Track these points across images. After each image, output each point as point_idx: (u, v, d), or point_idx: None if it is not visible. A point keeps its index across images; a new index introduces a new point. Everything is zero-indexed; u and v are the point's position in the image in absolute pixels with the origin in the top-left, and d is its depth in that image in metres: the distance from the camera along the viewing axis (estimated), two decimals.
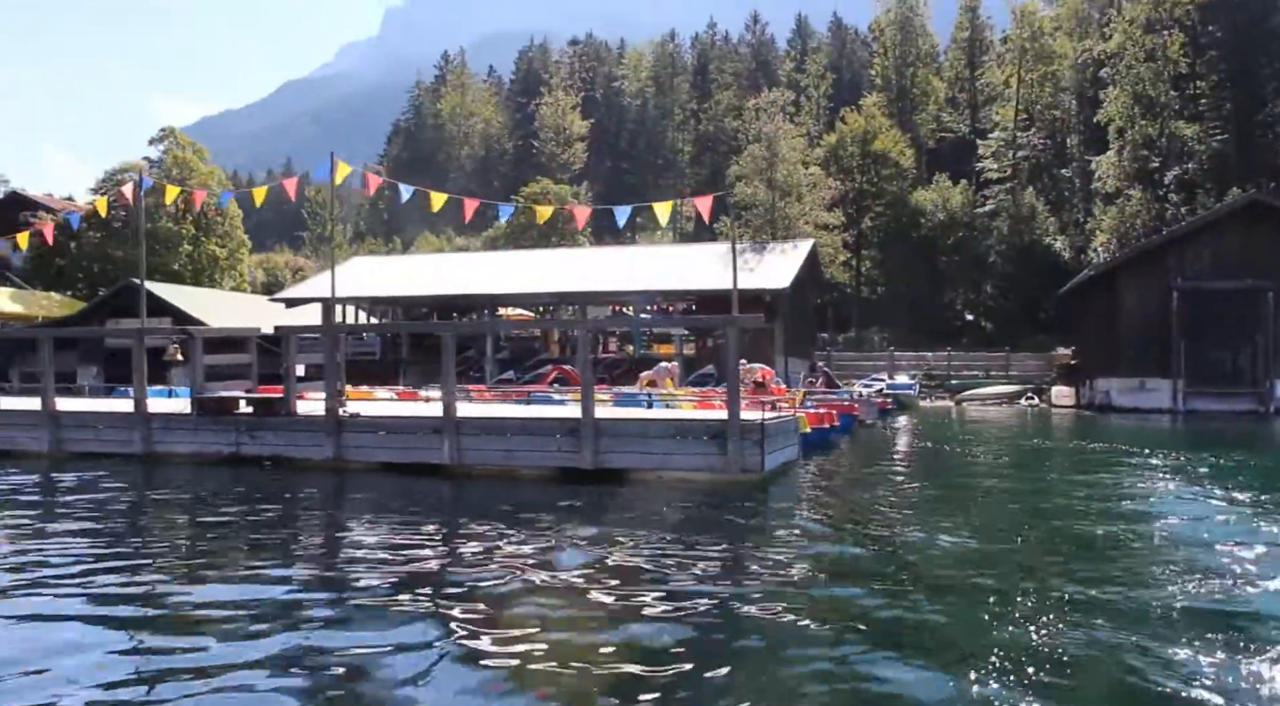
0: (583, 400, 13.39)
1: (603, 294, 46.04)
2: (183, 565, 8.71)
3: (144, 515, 11.68)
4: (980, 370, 47.19)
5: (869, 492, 13.65)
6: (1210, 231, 34.76)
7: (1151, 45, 56.95)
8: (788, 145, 51.68)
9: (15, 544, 9.63)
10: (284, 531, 10.69)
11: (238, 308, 48.34)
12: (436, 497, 12.20)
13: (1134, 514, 11.07)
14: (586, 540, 9.45)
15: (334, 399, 14.34)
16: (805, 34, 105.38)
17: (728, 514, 11.04)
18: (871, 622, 6.56)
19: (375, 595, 7.16)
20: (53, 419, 16.51)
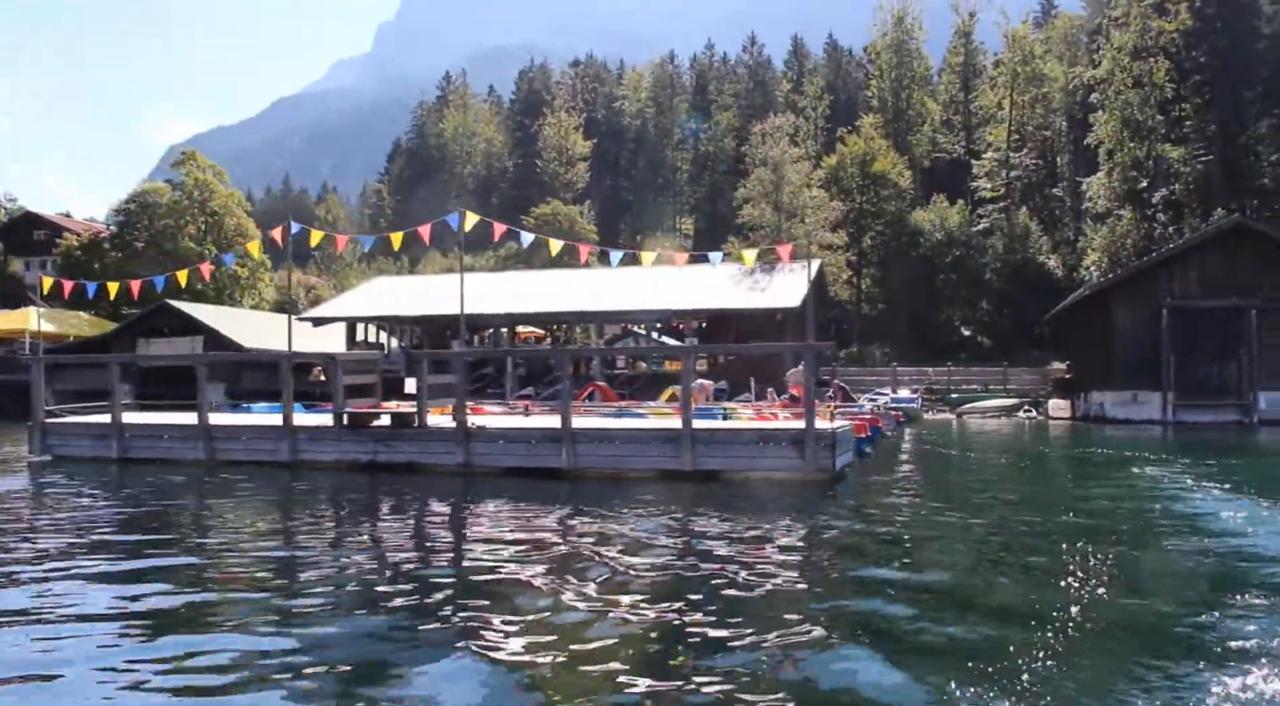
0: (683, 414, 15.64)
1: (616, 313, 47.92)
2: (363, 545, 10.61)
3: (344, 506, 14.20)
4: (979, 384, 49.14)
5: (916, 485, 16.54)
6: (1197, 253, 36.88)
7: (1139, 71, 59.25)
8: (792, 169, 53.88)
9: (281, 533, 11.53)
10: (441, 519, 12.97)
11: (265, 326, 50.05)
12: (559, 494, 14.35)
13: (1161, 510, 13.14)
14: (699, 523, 11.64)
15: (462, 412, 16.34)
16: (801, 55, 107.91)
17: (813, 503, 13.52)
18: (952, 592, 8.44)
19: (517, 573, 8.89)
20: (207, 431, 18.39)
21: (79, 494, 15.48)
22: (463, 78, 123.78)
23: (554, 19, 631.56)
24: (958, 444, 28.11)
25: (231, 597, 8.01)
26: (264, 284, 62.80)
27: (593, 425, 16.94)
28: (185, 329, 47.18)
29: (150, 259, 58.12)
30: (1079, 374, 43.10)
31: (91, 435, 20.37)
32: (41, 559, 9.72)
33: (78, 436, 20.50)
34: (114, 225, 62.94)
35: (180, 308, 47.02)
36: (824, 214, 55.17)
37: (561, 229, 66.58)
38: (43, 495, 15.64)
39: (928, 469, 20.42)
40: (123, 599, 7.81)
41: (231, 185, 66.43)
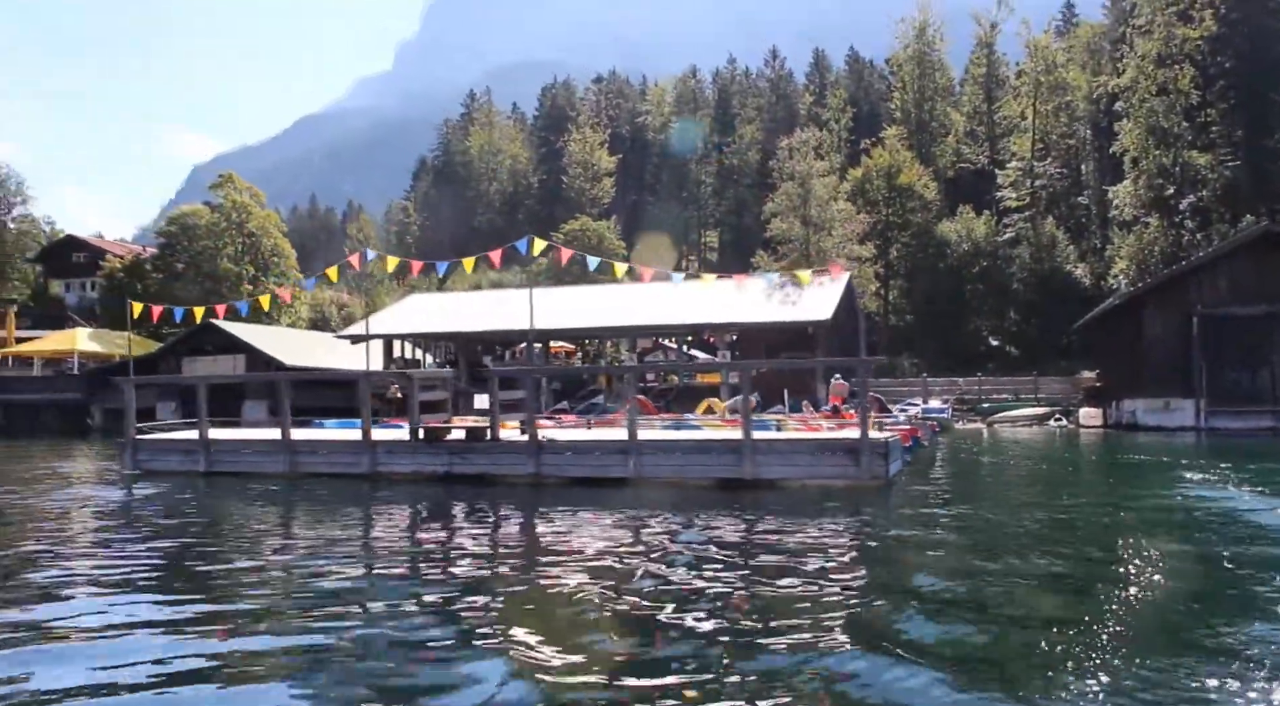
0: (743, 425, 16.47)
1: (647, 328, 48.55)
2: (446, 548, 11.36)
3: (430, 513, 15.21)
4: (1009, 393, 49.51)
5: (967, 492, 17.53)
6: (1227, 260, 37.19)
7: (1163, 79, 59.55)
8: (819, 183, 54.54)
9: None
10: (518, 524, 13.76)
11: (303, 344, 51.02)
12: (625, 501, 15.15)
13: (1207, 513, 13.75)
14: (764, 529, 12.35)
15: (533, 426, 17.18)
16: (823, 68, 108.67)
17: (871, 509, 14.27)
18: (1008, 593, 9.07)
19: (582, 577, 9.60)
20: (290, 446, 19.30)
21: (177, 504, 16.71)
22: (487, 95, 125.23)
23: (572, 35, 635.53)
24: (995, 452, 28.68)
25: (312, 597, 8.73)
26: (299, 303, 63.91)
27: (657, 436, 17.82)
28: (228, 347, 48.21)
29: (190, 279, 59.41)
30: (1109, 382, 43.40)
31: (180, 450, 21.25)
32: (140, 564, 10.54)
33: (166, 452, 21.41)
34: (155, 247, 64.27)
35: (223, 327, 48.01)
36: (851, 226, 55.75)
37: (590, 244, 67.42)
38: (140, 505, 16.81)
39: (973, 476, 21.15)
40: (215, 601, 8.61)
41: (267, 206, 67.70)
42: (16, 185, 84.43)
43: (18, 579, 9.75)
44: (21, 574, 10.03)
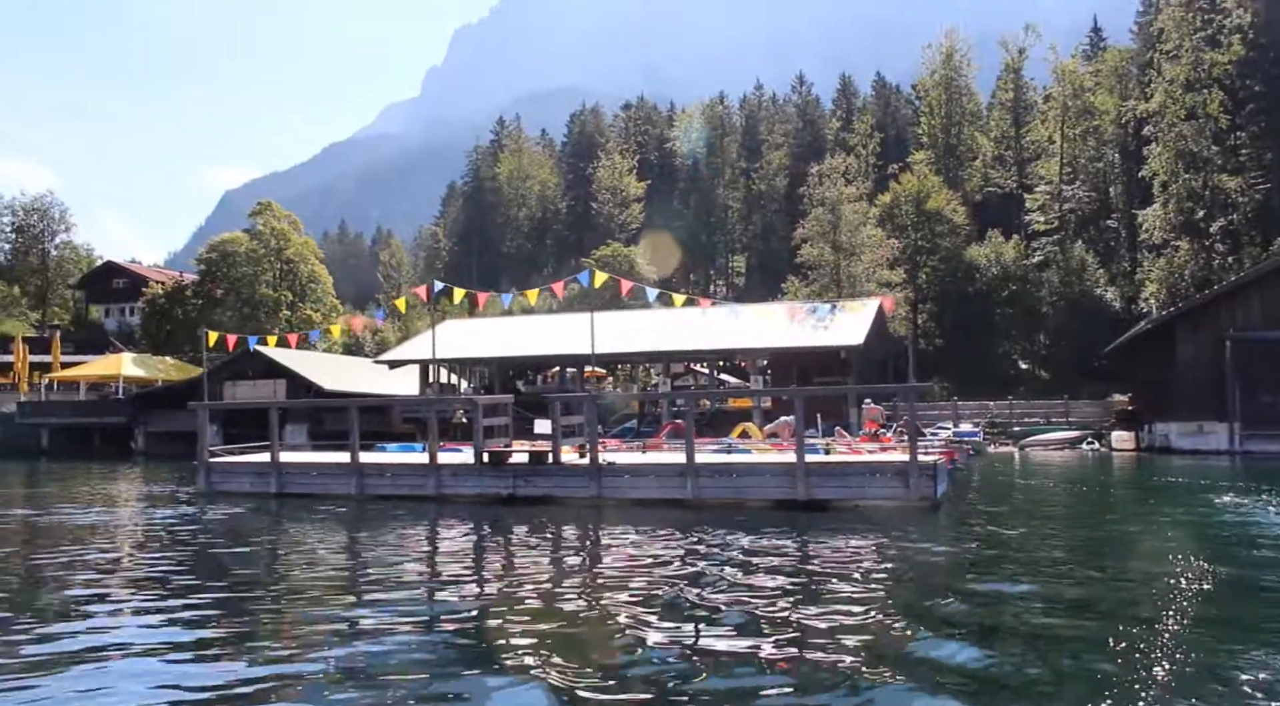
0: (797, 450, 17.07)
1: (681, 353, 49.13)
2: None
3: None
4: (1040, 417, 49.64)
5: (1011, 511, 18.35)
6: (1258, 286, 37.44)
7: (1192, 103, 59.75)
8: (849, 209, 55.08)
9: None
10: (584, 543, 14.47)
11: (342, 368, 51.82)
12: (685, 521, 15.74)
13: (1255, 533, 14.21)
14: (824, 545, 12.97)
15: (594, 449, 17.84)
16: (849, 93, 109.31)
17: (921, 528, 14.91)
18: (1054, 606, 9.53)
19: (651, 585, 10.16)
20: (359, 469, 20.01)
21: (252, 523, 17.72)
22: (517, 123, 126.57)
23: (598, 62, 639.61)
24: (1030, 475, 29.06)
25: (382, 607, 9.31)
26: (335, 329, 64.85)
27: (714, 460, 18.44)
28: (269, 372, 49.06)
29: (229, 305, 60.51)
30: (1142, 405, 43.54)
31: (252, 472, 22.05)
32: (218, 580, 11.18)
33: (239, 474, 22.20)
34: (192, 273, 65.59)
35: (264, 352, 48.87)
36: (881, 252, 56.20)
37: (622, 270, 68.05)
38: (220, 523, 17.78)
39: (1013, 498, 21.67)
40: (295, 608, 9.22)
41: (306, 233, 68.91)
42: (60, 213, 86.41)
43: (102, 592, 10.45)
44: (108, 589, 10.71)
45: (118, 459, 48.15)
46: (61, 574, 11.72)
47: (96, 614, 9.22)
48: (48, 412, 54.03)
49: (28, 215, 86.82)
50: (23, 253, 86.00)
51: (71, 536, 15.44)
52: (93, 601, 9.86)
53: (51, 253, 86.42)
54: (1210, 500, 18.74)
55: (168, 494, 24.68)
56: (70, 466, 41.24)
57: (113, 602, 9.82)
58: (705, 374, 54.82)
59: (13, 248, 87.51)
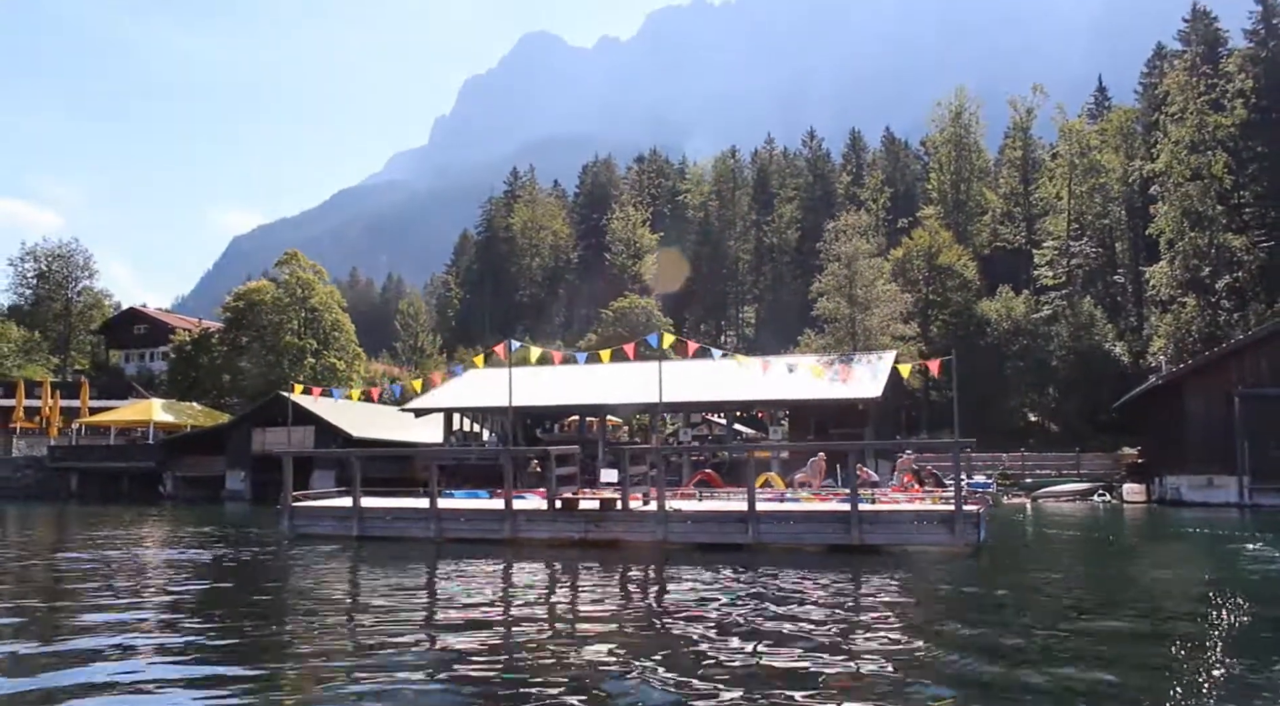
0: (851, 498, 18.40)
1: (699, 403, 50.10)
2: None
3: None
4: (1052, 469, 50.61)
5: (1048, 558, 19.77)
6: (1266, 344, 38.62)
7: (1197, 164, 61.36)
8: (865, 264, 56.55)
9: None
10: (653, 583, 15.66)
11: (368, 416, 52.84)
12: (747, 563, 16.95)
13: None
14: (879, 587, 14.15)
15: (662, 496, 19.07)
16: (859, 148, 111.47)
17: (968, 572, 16.34)
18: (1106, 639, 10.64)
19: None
20: (437, 514, 21.23)
21: (340, 563, 18.93)
22: (530, 173, 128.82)
23: (606, 111, 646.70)
24: (1049, 525, 30.19)
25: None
26: (359, 376, 66.19)
27: (773, 507, 19.68)
28: (298, 419, 50.04)
29: (255, 353, 61.79)
30: (1152, 458, 44.54)
31: (334, 517, 23.27)
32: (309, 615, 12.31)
33: (321, 518, 23.33)
34: (207, 318, 67.04)
35: (293, 399, 49.98)
36: (895, 306, 57.49)
37: (638, 322, 69.43)
38: (308, 564, 18.99)
39: (1044, 544, 23.14)
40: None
41: (330, 282, 70.43)
42: (84, 260, 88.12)
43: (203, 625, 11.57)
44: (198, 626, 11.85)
45: (146, 503, 49.15)
46: (219, 607, 13.01)
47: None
48: (78, 457, 55.17)
49: (51, 261, 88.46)
50: (46, 298, 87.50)
51: (195, 572, 17.01)
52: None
53: (74, 299, 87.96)
54: (1225, 551, 19.88)
55: (254, 536, 25.70)
56: (108, 510, 42.12)
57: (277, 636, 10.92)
58: (721, 424, 55.88)
59: (34, 293, 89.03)
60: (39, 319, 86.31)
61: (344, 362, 64.25)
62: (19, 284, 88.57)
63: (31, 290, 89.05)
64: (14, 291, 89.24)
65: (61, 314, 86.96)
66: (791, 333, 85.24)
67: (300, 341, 62.77)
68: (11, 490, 53.80)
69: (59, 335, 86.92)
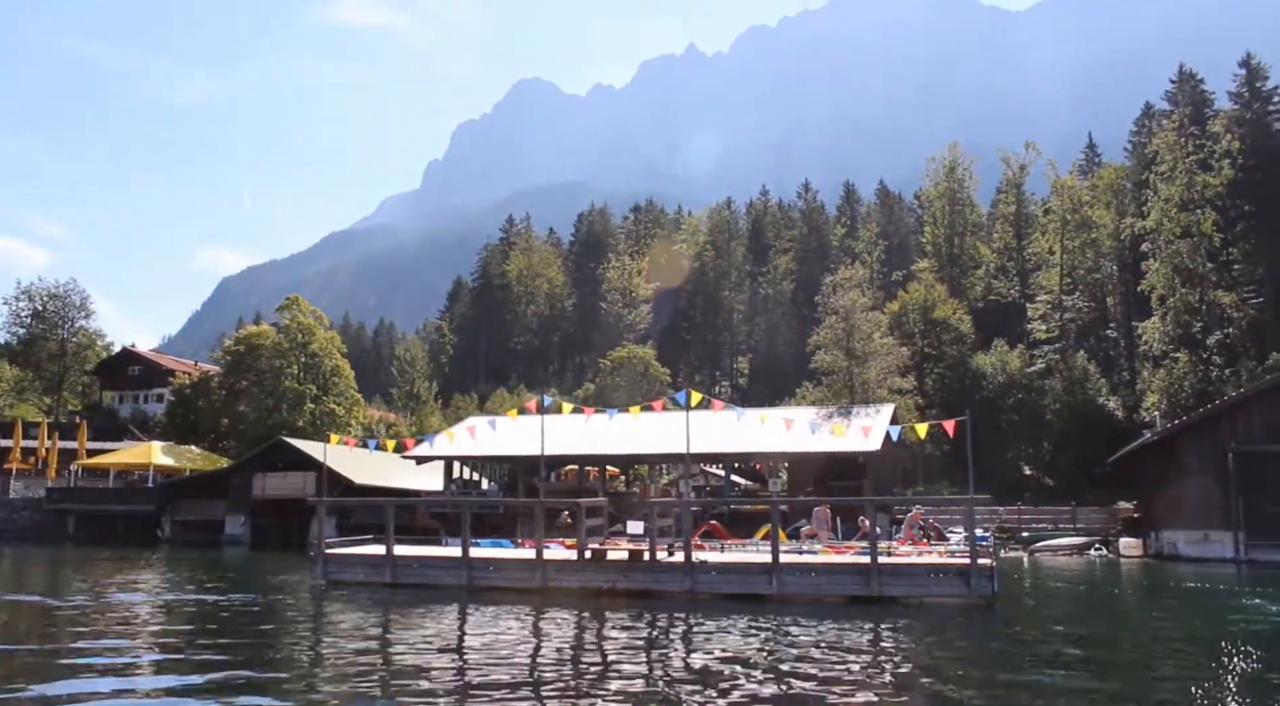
0: (871, 551, 18.91)
1: (697, 455, 50.40)
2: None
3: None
4: (1049, 522, 50.96)
5: (1058, 610, 20.86)
6: (1258, 401, 39.29)
7: (1187, 222, 62.47)
8: (862, 318, 57.29)
9: None
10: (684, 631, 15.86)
11: (370, 462, 52.91)
12: (772, 612, 17.51)
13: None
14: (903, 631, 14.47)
15: (689, 548, 19.48)
16: (853, 201, 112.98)
17: (988, 621, 17.01)
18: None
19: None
20: (469, 563, 21.58)
21: (373, 609, 19.50)
22: (526, 221, 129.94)
23: (598, 158, 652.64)
24: (1054, 577, 30.65)
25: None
26: (356, 421, 66.28)
27: (795, 559, 20.16)
28: (298, 464, 50.25)
29: (255, 397, 61.96)
30: (1148, 513, 44.93)
31: (367, 564, 23.64)
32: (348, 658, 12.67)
33: (354, 564, 23.63)
34: (214, 363, 67.28)
35: (295, 444, 50.20)
36: (891, 359, 58.12)
37: (637, 371, 69.96)
38: (337, 610, 19.53)
39: (1053, 598, 23.80)
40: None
41: (330, 327, 70.81)
42: (80, 300, 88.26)
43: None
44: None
45: (143, 546, 49.07)
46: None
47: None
48: (76, 499, 55.12)
49: (47, 301, 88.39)
50: (41, 338, 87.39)
51: (247, 618, 17.51)
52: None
53: (69, 339, 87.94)
54: (1227, 605, 20.41)
55: (290, 583, 25.95)
56: (110, 553, 42.17)
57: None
58: (718, 475, 56.18)
59: (28, 332, 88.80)
60: (32, 358, 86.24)
61: (343, 408, 64.42)
62: (12, 323, 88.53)
63: (25, 329, 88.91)
64: (7, 330, 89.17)
65: (56, 354, 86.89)
66: (786, 383, 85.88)
67: (300, 386, 62.97)
68: (8, 532, 53.65)
69: (53, 375, 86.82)
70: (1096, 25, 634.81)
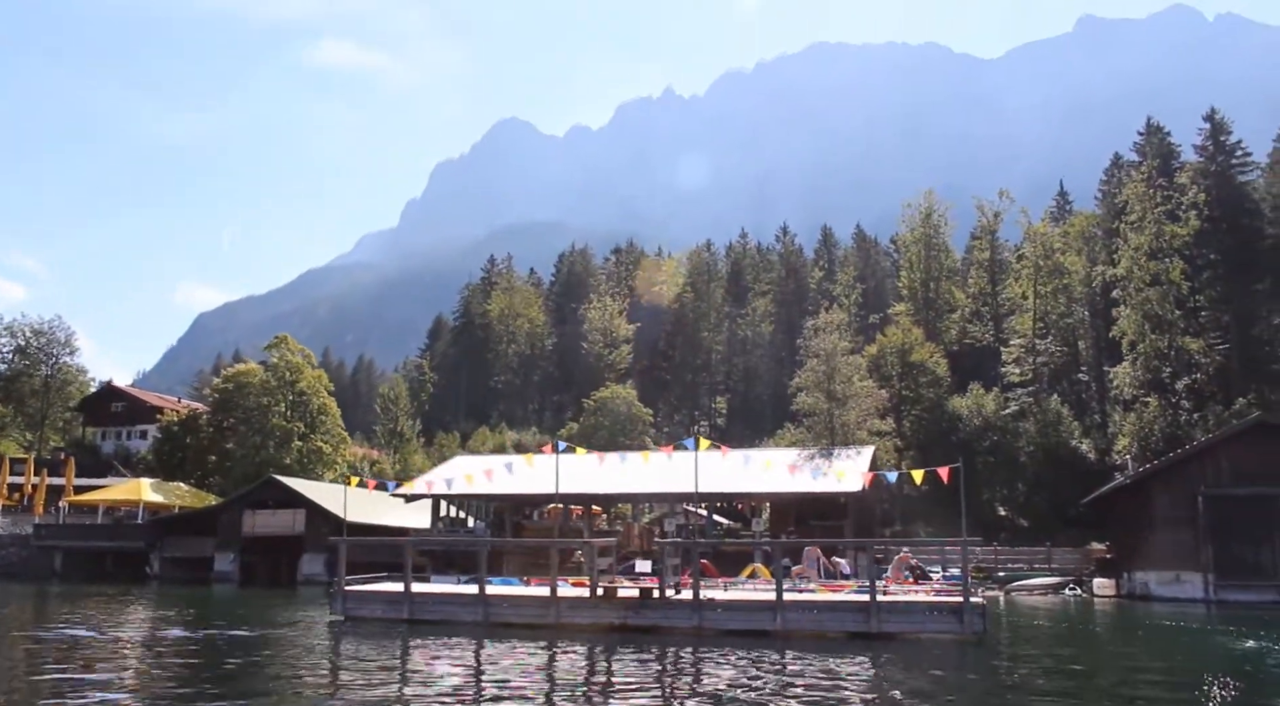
0: (870, 590, 19.97)
1: (678, 495, 51.22)
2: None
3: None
4: (1024, 563, 52.12)
5: (1046, 644, 22.31)
6: (1226, 446, 40.71)
7: (1156, 270, 64.46)
8: (843, 360, 58.64)
9: None
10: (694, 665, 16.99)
11: (358, 499, 53.38)
12: (779, 647, 18.58)
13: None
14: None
15: (697, 586, 20.48)
16: (831, 244, 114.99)
17: (979, 655, 18.16)
18: None
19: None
20: (485, 600, 22.40)
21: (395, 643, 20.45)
22: (508, 260, 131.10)
23: (576, 198, 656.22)
24: (1034, 616, 31.84)
25: None
26: (343, 459, 66.84)
27: (799, 598, 21.11)
28: (288, 502, 50.82)
29: (243, 435, 62.49)
30: (1121, 554, 46.17)
31: (384, 600, 24.38)
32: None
33: (371, 601, 24.34)
34: (194, 399, 67.87)
35: (285, 482, 50.77)
36: (871, 401, 59.37)
37: (619, 412, 70.96)
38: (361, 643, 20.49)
39: (1033, 634, 25.39)
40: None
41: (317, 366, 71.51)
42: (65, 337, 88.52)
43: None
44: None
45: (132, 582, 49.32)
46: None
47: None
48: (64, 535, 55.25)
49: (31, 337, 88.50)
50: (25, 374, 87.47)
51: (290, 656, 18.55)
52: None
53: (53, 375, 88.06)
54: (1203, 641, 21.68)
55: (306, 618, 26.68)
56: (104, 590, 42.46)
57: None
58: (700, 514, 57.09)
59: (10, 368, 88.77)
60: (14, 394, 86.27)
61: (330, 446, 65.02)
62: None
63: (7, 365, 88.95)
64: None
65: (40, 390, 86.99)
66: (764, 423, 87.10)
67: (288, 424, 63.54)
68: None
69: (35, 411, 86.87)
70: (1066, 73, 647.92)
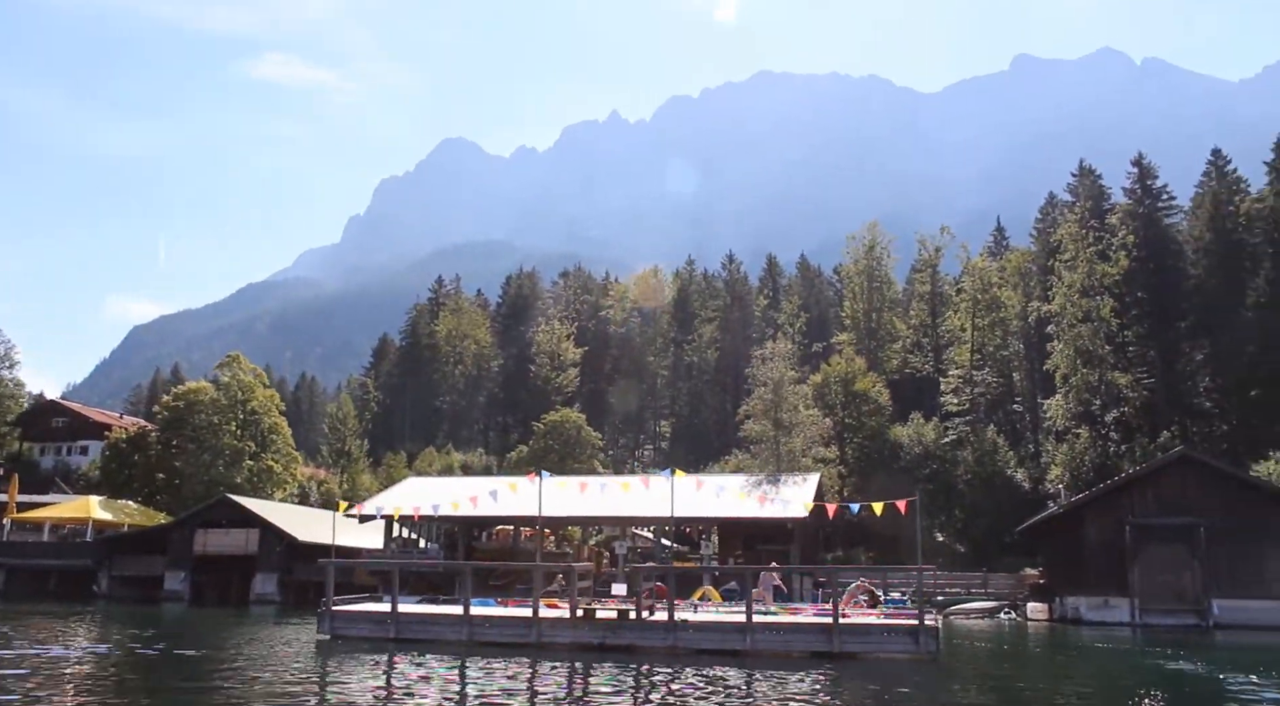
0: (834, 613, 21.57)
1: (631, 518, 52.49)
2: None
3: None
4: (962, 588, 53.97)
5: (998, 663, 24.24)
6: (1152, 478, 43.01)
7: (1087, 307, 67.33)
8: (790, 390, 60.29)
9: None
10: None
11: (310, 520, 53.88)
12: (746, 665, 20.04)
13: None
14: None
15: (671, 607, 21.68)
16: (775, 273, 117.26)
17: (934, 672, 19.93)
18: None
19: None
20: (469, 620, 23.37)
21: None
22: (456, 281, 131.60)
23: (520, 218, 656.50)
24: (973, 638, 33.55)
25: None
26: (293, 479, 66.99)
27: (768, 620, 22.51)
28: (241, 521, 51.06)
29: (192, 453, 62.42)
30: (1053, 579, 48.15)
31: (371, 620, 25.23)
32: None
33: (358, 621, 25.10)
34: (158, 419, 67.52)
35: (239, 501, 51.02)
36: (816, 430, 61.03)
37: (569, 435, 71.96)
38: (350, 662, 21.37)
39: (978, 654, 27.23)
40: None
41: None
42: (5, 350, 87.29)
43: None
44: None
45: (78, 601, 49.06)
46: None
47: None
48: (8, 553, 54.70)
49: None
50: None
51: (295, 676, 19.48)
52: None
53: None
54: (1133, 661, 23.48)
55: (296, 639, 27.34)
56: (50, 609, 42.39)
57: None
58: (647, 538, 58.33)
59: None
60: None
61: (281, 465, 65.16)
62: None
63: None
64: None
65: None
66: (708, 448, 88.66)
67: (239, 443, 63.62)
68: None
69: None
70: (1001, 110, 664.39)
